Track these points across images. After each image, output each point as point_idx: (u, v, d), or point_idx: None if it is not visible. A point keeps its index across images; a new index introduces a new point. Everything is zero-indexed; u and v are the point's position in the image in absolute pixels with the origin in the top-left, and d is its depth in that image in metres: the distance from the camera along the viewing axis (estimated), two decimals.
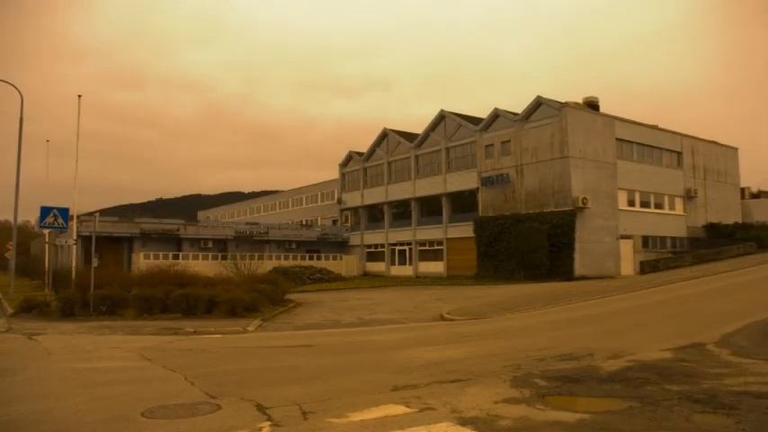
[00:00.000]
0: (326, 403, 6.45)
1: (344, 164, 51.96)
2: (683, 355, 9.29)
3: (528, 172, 34.67)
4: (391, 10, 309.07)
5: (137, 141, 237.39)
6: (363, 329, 15.03)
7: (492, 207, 36.70)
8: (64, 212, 22.80)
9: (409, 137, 45.38)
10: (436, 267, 41.36)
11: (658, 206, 38.10)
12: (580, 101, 36.71)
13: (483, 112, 40.32)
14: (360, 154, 49.87)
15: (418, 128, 45.54)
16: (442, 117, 41.93)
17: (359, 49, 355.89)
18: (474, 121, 39.73)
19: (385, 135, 47.50)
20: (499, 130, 36.89)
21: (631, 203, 35.98)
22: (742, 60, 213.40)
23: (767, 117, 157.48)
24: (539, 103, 34.64)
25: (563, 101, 33.80)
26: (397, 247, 45.23)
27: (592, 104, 37.07)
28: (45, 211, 22.49)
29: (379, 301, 23.49)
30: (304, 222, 57.27)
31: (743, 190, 47.99)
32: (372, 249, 47.80)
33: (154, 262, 31.76)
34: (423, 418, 5.81)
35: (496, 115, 37.34)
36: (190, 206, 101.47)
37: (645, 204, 37.01)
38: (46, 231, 28.82)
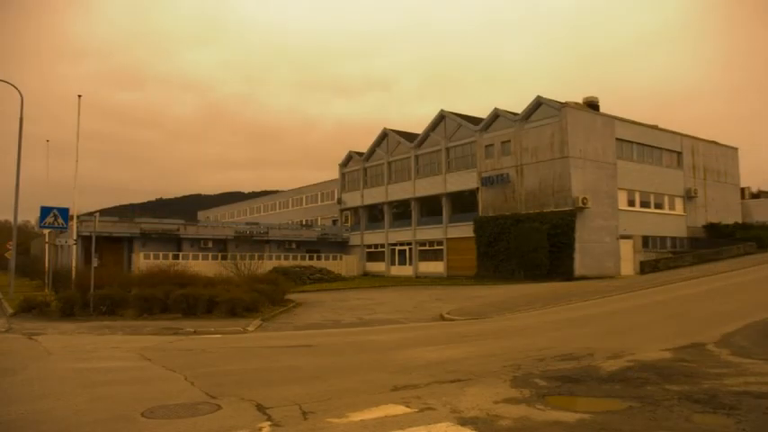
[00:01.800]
0: (326, 403, 6.45)
1: (344, 164, 51.96)
2: (683, 355, 9.28)
3: (528, 172, 34.67)
4: (391, 10, 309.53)
5: (137, 141, 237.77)
6: (363, 329, 15.03)
7: (492, 207, 36.69)
8: (64, 212, 22.79)
9: (409, 137, 45.38)
10: (436, 267, 41.35)
11: (658, 206, 38.10)
12: (580, 101, 36.71)
13: (483, 112, 40.41)
14: (360, 154, 49.86)
15: (418, 128, 45.63)
16: (441, 117, 41.93)
17: (359, 49, 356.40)
18: (474, 121, 39.72)
19: (385, 135, 47.51)
20: (499, 130, 36.89)
21: (631, 203, 35.98)
22: (742, 60, 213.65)
23: (767, 117, 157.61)
24: (539, 103, 34.64)
25: (563, 101, 33.80)
26: (397, 247, 45.23)
27: (592, 104, 37.07)
28: (45, 211, 22.49)
29: (379, 301, 23.49)
30: (304, 222, 57.26)
31: (743, 190, 47.99)
32: (372, 249, 47.79)
33: (154, 262, 31.76)
34: (423, 418, 5.80)
35: (496, 115, 37.34)
36: (190, 206, 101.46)
37: (645, 204, 37.01)
38: (46, 231, 28.82)
